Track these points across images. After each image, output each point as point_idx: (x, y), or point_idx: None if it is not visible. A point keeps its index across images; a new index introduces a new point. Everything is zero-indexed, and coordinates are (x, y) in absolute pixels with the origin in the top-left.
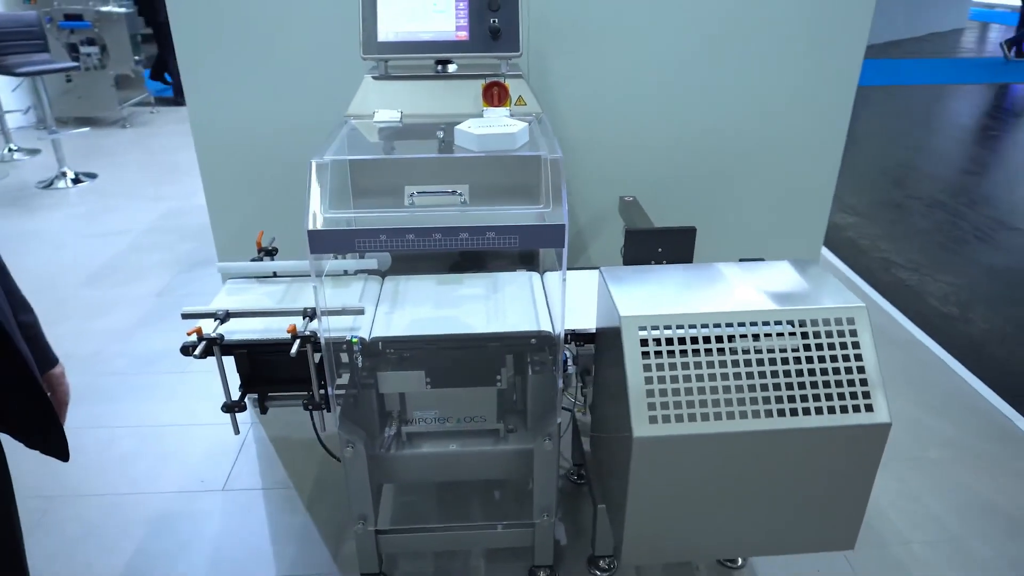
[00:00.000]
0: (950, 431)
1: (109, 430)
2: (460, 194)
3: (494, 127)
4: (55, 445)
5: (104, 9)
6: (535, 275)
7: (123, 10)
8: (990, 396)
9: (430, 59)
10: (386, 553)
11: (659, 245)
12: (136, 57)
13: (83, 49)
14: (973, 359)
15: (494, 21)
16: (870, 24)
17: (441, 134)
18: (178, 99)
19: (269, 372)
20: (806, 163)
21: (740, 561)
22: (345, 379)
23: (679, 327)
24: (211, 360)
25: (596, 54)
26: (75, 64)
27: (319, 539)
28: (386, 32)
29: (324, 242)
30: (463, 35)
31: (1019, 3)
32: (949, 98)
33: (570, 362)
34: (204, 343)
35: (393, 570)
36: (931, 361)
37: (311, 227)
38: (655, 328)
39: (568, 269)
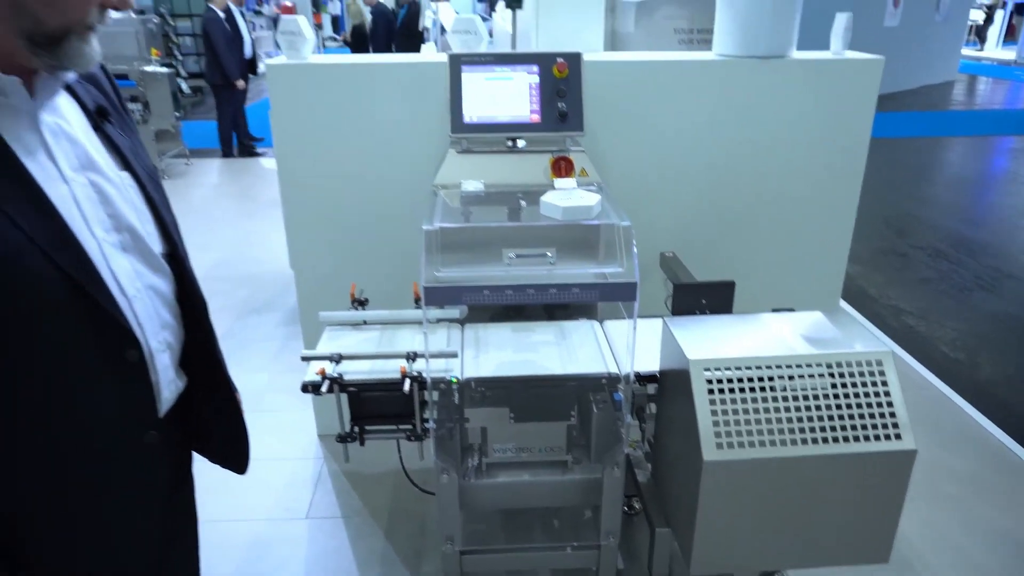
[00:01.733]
0: (964, 467)
1: (199, 461)
2: (550, 256)
3: (573, 199)
4: (240, 459)
5: (148, 69)
6: (595, 323)
7: (166, 70)
8: (999, 435)
9: (504, 137)
10: (466, 571)
11: (703, 297)
12: (176, 113)
13: (128, 106)
14: (982, 400)
15: (562, 106)
16: (876, 96)
17: (524, 203)
18: (228, 151)
19: (371, 408)
20: (824, 221)
21: (780, 573)
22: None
23: (737, 368)
24: (282, 399)
25: (639, 128)
26: None
27: (399, 562)
28: (470, 115)
29: (437, 296)
30: (536, 117)
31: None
32: (945, 149)
33: (626, 401)
34: (327, 382)
35: None
36: (942, 402)
37: (426, 284)
38: (718, 369)
39: (618, 319)
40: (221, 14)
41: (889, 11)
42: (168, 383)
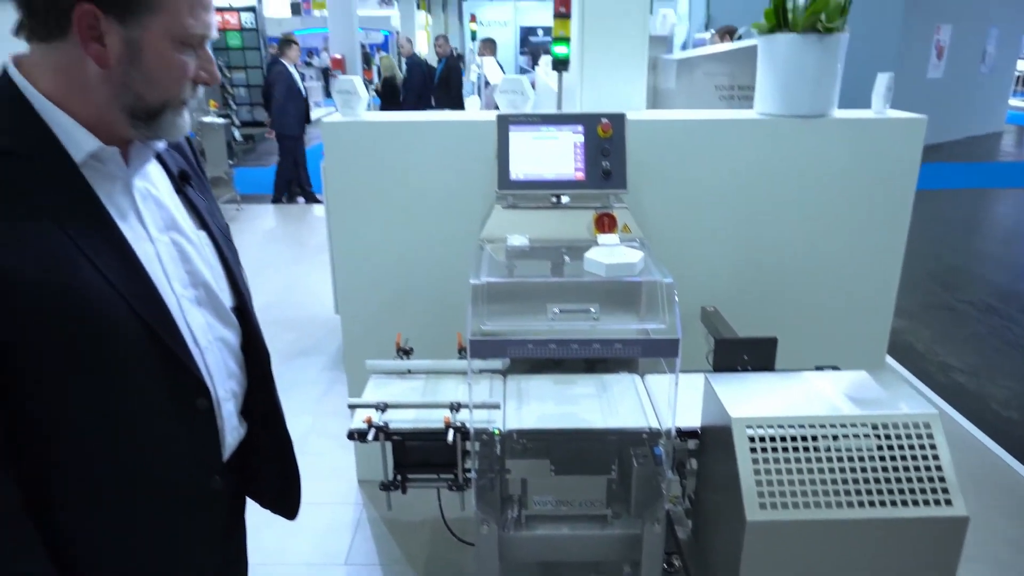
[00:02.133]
0: (1019, 533)
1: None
2: (594, 312)
3: (616, 256)
4: (291, 505)
5: (206, 120)
6: (636, 377)
7: (222, 121)
8: None
9: (549, 194)
10: None
11: (745, 353)
12: (229, 160)
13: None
14: None
15: (606, 164)
16: (920, 153)
17: (567, 258)
18: (278, 197)
19: (415, 456)
20: (868, 276)
21: None
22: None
23: (780, 427)
24: (324, 443)
25: (682, 185)
26: None
27: None
28: (517, 172)
29: (482, 349)
30: (580, 175)
31: None
32: (993, 201)
33: (666, 456)
34: (373, 430)
35: None
36: (995, 463)
37: (471, 337)
38: (760, 427)
39: (659, 372)
40: (292, 69)
41: (932, 63)
42: (232, 430)
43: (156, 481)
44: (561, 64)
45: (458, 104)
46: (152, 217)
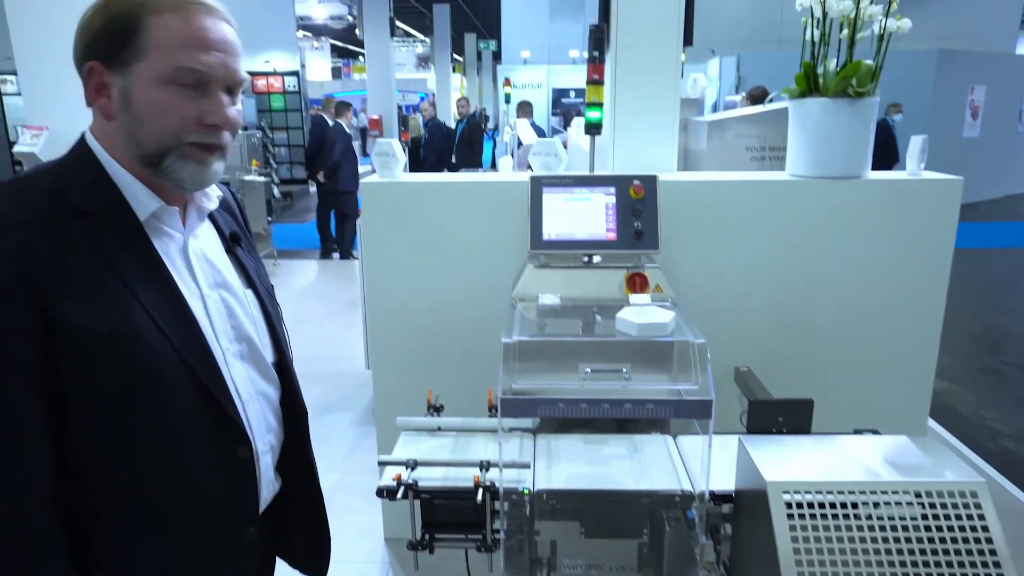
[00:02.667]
0: None
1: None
2: (625, 372)
3: (648, 316)
4: (320, 564)
5: (248, 178)
6: (668, 438)
7: (262, 179)
8: None
9: (582, 254)
10: None
11: (780, 415)
12: (268, 217)
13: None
14: None
15: (637, 224)
16: (957, 214)
17: (599, 317)
18: (327, 252)
19: (443, 516)
20: (907, 337)
21: None
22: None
23: (818, 492)
24: (352, 500)
25: (713, 245)
26: None
27: None
28: (550, 232)
29: (513, 408)
30: (612, 235)
31: None
32: None
33: (700, 520)
34: (402, 488)
35: None
36: None
37: (502, 396)
38: (797, 492)
39: (691, 434)
40: (348, 129)
41: (968, 123)
42: (268, 483)
43: (194, 527)
44: (594, 128)
45: (479, 163)
46: (204, 275)
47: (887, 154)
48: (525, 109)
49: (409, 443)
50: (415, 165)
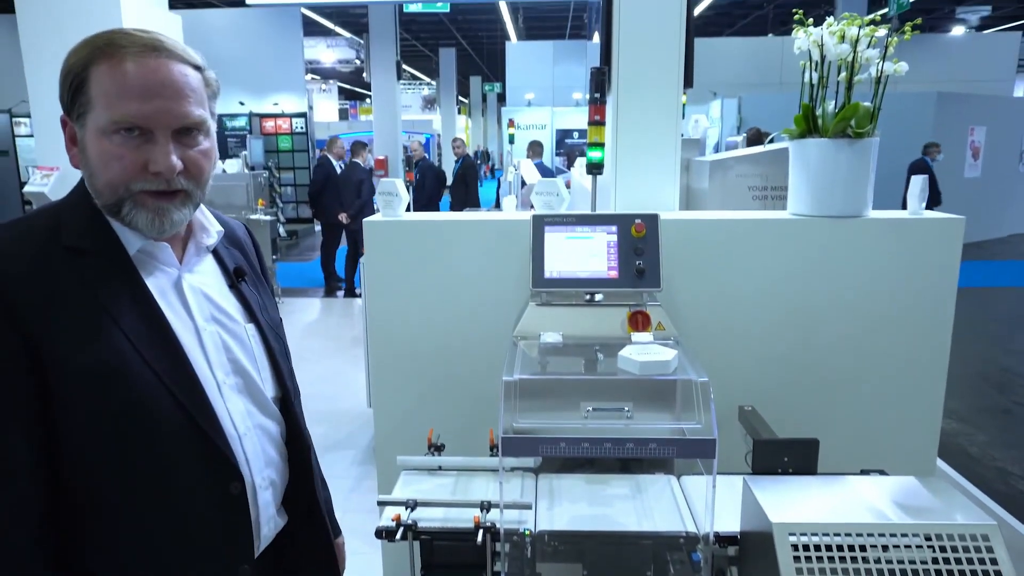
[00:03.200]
0: None
1: None
2: (628, 410)
3: (650, 354)
4: None
5: (253, 217)
6: (672, 479)
7: (268, 218)
8: None
9: (583, 292)
10: None
11: (785, 455)
12: (273, 256)
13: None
14: None
15: (639, 263)
16: (959, 253)
17: (601, 355)
18: (331, 290)
19: (443, 557)
20: (912, 375)
21: None
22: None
23: (825, 534)
24: (351, 542)
25: (716, 283)
26: None
27: None
28: (551, 270)
29: (514, 447)
30: (614, 274)
31: None
32: None
33: (705, 562)
34: (402, 528)
35: None
36: None
37: (503, 435)
38: (804, 534)
39: (695, 474)
40: (365, 167)
41: (969, 163)
42: (268, 519)
43: (185, 561)
44: (595, 168)
45: (475, 202)
46: (200, 308)
47: (932, 195)
48: (536, 149)
49: (409, 483)
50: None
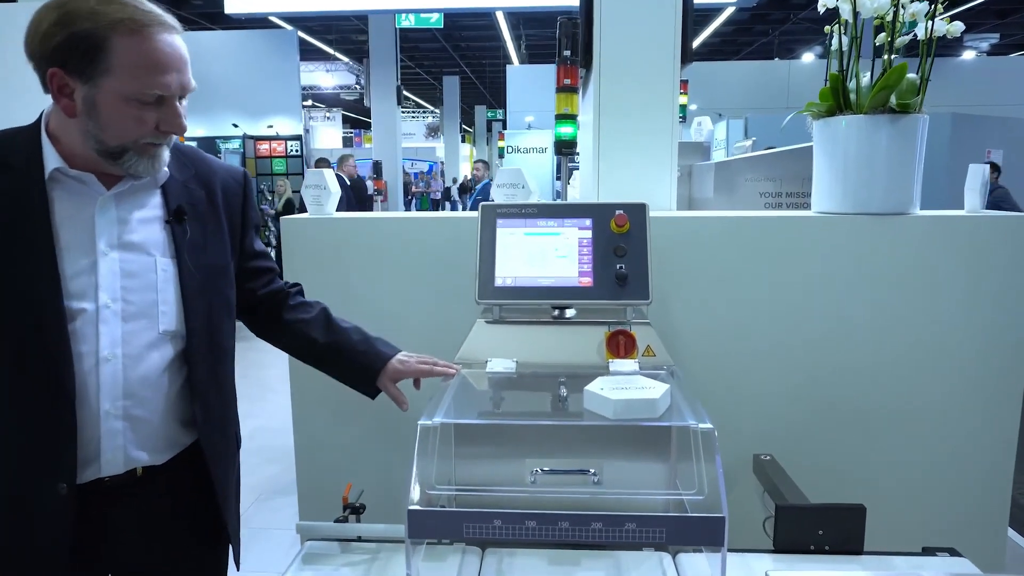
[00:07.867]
0: None
1: None
2: (593, 473)
3: (630, 389)
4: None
5: None
6: (666, 557)
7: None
8: None
9: (548, 304)
10: None
11: (820, 526)
12: None
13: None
14: None
15: (621, 267)
16: None
17: (564, 391)
18: None
19: None
20: (977, 418)
21: None
22: None
23: None
24: None
25: (721, 297)
26: None
27: None
28: (504, 277)
29: (425, 526)
30: (587, 280)
31: None
32: None
33: None
34: None
35: None
36: None
37: (412, 506)
38: None
39: (698, 551)
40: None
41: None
42: (114, 448)
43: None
44: (566, 146)
45: None
46: (107, 234)
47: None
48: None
49: (312, 561)
50: None
